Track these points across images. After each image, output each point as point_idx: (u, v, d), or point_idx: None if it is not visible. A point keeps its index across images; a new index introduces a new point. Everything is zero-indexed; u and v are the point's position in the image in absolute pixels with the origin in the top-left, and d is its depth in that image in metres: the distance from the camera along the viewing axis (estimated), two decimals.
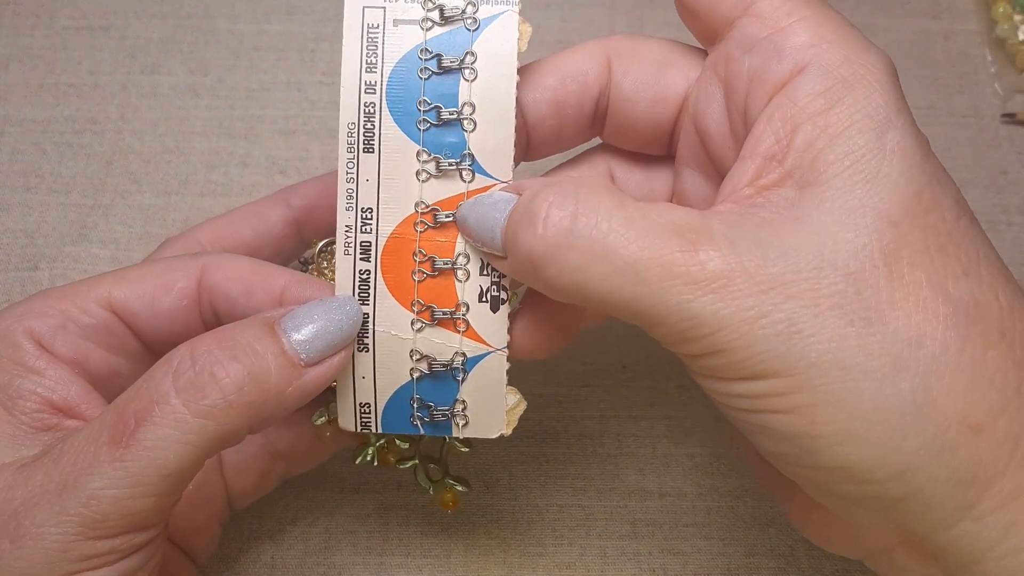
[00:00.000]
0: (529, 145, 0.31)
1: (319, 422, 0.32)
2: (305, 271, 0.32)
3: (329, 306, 0.28)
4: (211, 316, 0.31)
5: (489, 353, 0.29)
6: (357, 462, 0.32)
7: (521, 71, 0.29)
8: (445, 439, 0.33)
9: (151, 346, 0.31)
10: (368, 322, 0.29)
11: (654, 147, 0.31)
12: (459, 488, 0.33)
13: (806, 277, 0.24)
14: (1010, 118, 0.46)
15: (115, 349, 0.30)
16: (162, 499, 0.25)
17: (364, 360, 0.29)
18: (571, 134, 0.31)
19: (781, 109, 0.25)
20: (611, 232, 0.24)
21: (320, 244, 0.32)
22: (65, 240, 0.43)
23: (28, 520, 0.24)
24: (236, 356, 0.26)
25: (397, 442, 0.32)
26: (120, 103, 0.46)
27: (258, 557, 0.36)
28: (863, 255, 0.24)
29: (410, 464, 0.33)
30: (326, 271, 0.32)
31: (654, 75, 0.30)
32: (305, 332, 0.27)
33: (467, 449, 0.33)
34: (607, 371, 0.40)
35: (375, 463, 0.32)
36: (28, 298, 0.30)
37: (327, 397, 0.30)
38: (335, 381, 0.30)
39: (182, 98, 0.47)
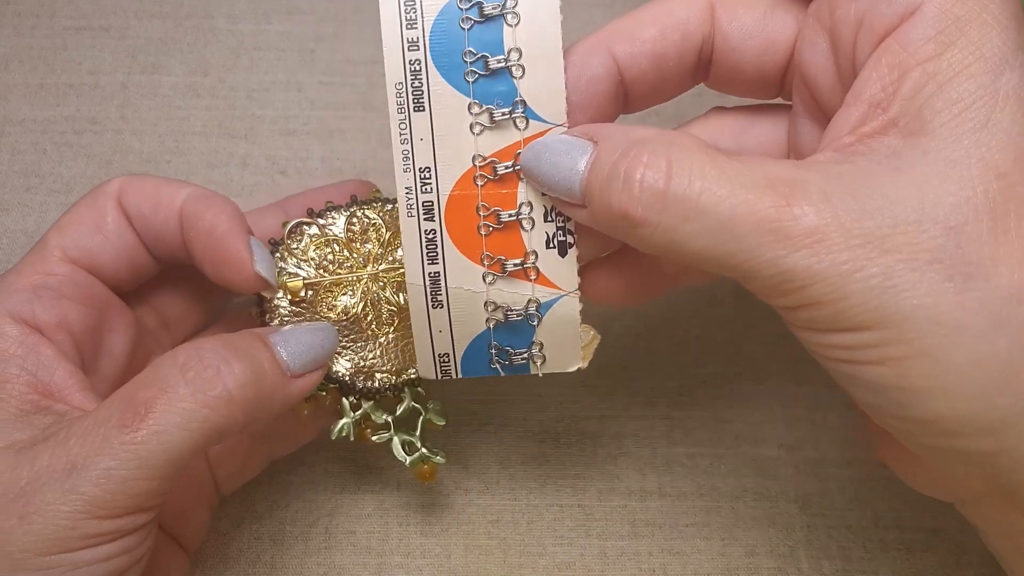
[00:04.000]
0: (628, 99, 0.30)
1: None
2: (275, 251, 0.32)
3: (309, 328, 0.31)
4: (148, 237, 0.32)
5: (562, 296, 0.30)
6: (334, 437, 0.33)
7: (615, 23, 0.29)
8: (421, 413, 0.33)
9: (116, 286, 0.32)
10: (440, 280, 0.30)
11: (764, 93, 0.30)
12: (436, 460, 0.33)
13: (904, 231, 0.23)
14: None
15: (87, 301, 0.31)
16: (163, 483, 0.26)
17: (439, 316, 0.30)
18: (672, 86, 0.30)
19: (889, 54, 0.24)
20: (704, 191, 0.24)
21: (290, 224, 0.32)
22: None
23: (38, 498, 0.25)
24: (239, 357, 0.28)
25: (372, 417, 0.33)
26: (120, 103, 0.46)
27: (258, 557, 0.36)
28: (967, 208, 0.23)
29: (386, 437, 0.33)
30: (295, 251, 0.32)
31: (762, 20, 0.29)
32: (290, 349, 0.29)
33: (443, 423, 0.33)
34: (607, 371, 0.40)
35: (352, 438, 0.33)
36: None
37: None
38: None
39: (182, 98, 0.47)
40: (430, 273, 0.30)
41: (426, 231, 0.29)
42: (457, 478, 0.38)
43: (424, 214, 0.29)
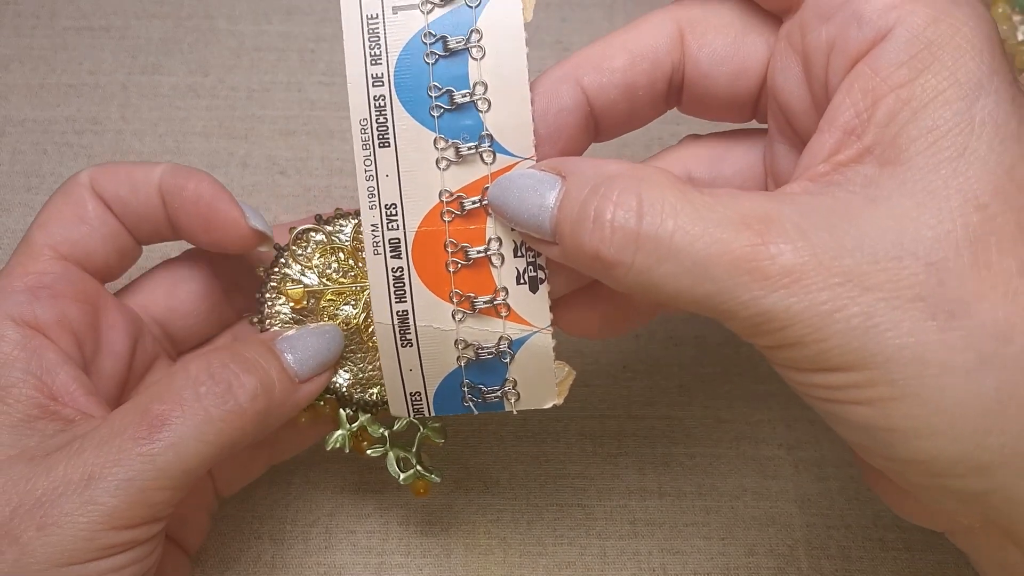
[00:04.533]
0: (598, 129, 0.29)
1: None
2: (280, 256, 0.32)
3: (316, 332, 0.31)
4: (130, 220, 0.32)
5: (534, 333, 0.29)
6: (328, 448, 0.32)
7: (583, 52, 0.28)
8: (419, 430, 0.33)
9: (105, 275, 0.32)
10: (408, 318, 0.29)
11: (738, 117, 0.30)
12: (430, 478, 0.33)
13: (884, 268, 0.23)
14: None
15: (84, 297, 0.31)
16: (177, 493, 0.27)
17: (409, 354, 0.30)
18: (643, 114, 0.30)
19: (861, 80, 0.24)
20: (677, 230, 0.23)
21: (297, 230, 0.32)
22: None
23: (55, 509, 0.25)
24: (249, 370, 0.29)
25: (369, 430, 0.32)
26: (120, 103, 0.46)
27: (258, 557, 0.36)
28: (947, 242, 0.22)
29: (381, 451, 0.33)
30: (300, 257, 0.32)
31: (733, 45, 0.28)
32: (297, 355, 0.30)
33: (442, 441, 0.33)
34: (607, 371, 0.40)
35: (347, 450, 0.32)
36: None
37: None
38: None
39: (182, 98, 0.47)
40: (398, 312, 0.29)
41: (393, 269, 0.29)
42: (457, 477, 0.38)
43: (391, 252, 0.29)
